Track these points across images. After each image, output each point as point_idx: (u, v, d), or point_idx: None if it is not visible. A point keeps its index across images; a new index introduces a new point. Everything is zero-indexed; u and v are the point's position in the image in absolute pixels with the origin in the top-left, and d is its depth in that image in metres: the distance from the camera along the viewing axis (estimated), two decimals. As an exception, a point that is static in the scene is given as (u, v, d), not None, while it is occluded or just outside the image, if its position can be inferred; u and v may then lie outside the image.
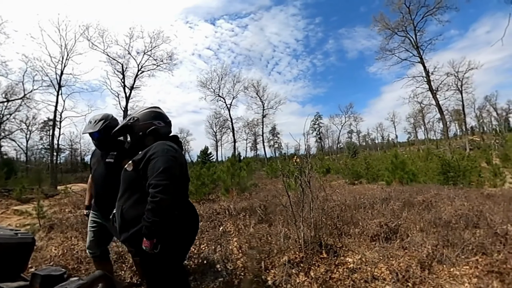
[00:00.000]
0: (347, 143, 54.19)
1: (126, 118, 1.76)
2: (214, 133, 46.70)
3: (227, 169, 7.83)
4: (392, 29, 26.32)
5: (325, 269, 2.44)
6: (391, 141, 64.52)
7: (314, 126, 54.05)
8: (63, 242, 3.54)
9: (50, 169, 21.54)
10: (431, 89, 25.39)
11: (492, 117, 52.59)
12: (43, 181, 16.47)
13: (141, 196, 1.46)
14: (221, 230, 3.81)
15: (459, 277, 2.40)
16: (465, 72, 33.26)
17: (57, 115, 20.20)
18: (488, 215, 3.91)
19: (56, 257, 2.98)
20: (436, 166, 11.69)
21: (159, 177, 1.36)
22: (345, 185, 11.64)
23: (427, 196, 5.48)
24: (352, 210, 4.55)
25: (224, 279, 2.42)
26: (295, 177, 3.32)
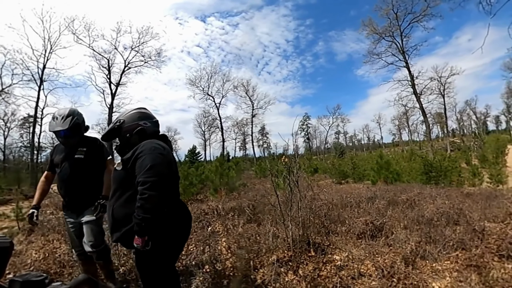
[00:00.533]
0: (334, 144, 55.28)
1: (113, 121, 1.76)
2: (203, 132, 46.01)
3: (216, 169, 7.77)
4: (379, 34, 27.23)
5: (313, 267, 2.48)
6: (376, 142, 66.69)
7: (303, 127, 54.73)
8: (44, 246, 3.38)
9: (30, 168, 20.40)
10: (415, 92, 26.46)
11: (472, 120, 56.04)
12: (23, 181, 15.67)
13: (131, 195, 1.46)
14: (209, 231, 3.78)
15: (440, 272, 2.51)
16: (447, 77, 34.67)
17: (38, 111, 19.31)
18: (467, 213, 4.09)
19: (36, 261, 2.86)
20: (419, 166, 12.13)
21: (147, 174, 1.35)
22: (332, 184, 11.83)
23: (410, 195, 5.65)
24: (339, 209, 4.63)
25: (213, 279, 2.40)
26: (283, 177, 3.34)
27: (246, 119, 45.00)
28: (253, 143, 45.45)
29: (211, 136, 45.67)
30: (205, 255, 2.80)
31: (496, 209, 4.49)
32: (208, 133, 45.76)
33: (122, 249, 2.86)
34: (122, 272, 2.54)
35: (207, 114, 42.21)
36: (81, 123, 2.25)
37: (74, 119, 2.15)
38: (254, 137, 46.11)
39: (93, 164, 2.26)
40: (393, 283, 2.22)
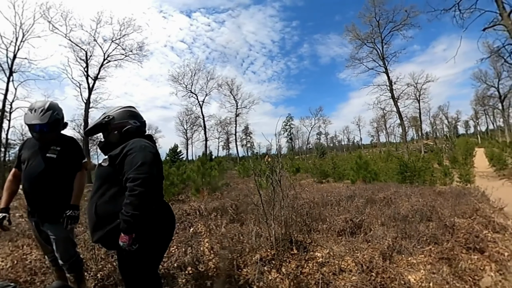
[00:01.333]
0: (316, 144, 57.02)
1: (100, 116, 1.68)
2: (185, 131, 45.05)
3: (198, 168, 7.63)
4: (362, 39, 28.51)
5: (296, 265, 2.51)
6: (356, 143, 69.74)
7: (286, 127, 55.57)
8: (12, 252, 3.13)
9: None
10: (393, 97, 27.97)
11: (444, 124, 60.22)
12: (-13, 182, 14.52)
13: (117, 192, 1.42)
14: (191, 232, 3.72)
15: (415, 265, 2.67)
16: (423, 83, 37.41)
17: (6, 105, 17.69)
18: (439, 210, 4.34)
19: (4, 269, 2.64)
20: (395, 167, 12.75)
21: (138, 170, 1.33)
22: (313, 183, 12.08)
23: (387, 193, 5.89)
24: (320, 207, 4.73)
25: (196, 281, 2.36)
26: (266, 176, 3.36)
27: (229, 118, 44.79)
28: (236, 142, 45.21)
29: (194, 135, 44.85)
30: (187, 257, 2.75)
31: (464, 206, 4.81)
32: (191, 131, 44.92)
33: (99, 252, 2.73)
34: (100, 278, 2.42)
35: (190, 112, 41.32)
36: (61, 119, 2.05)
37: (55, 114, 1.97)
38: (237, 136, 45.89)
39: (65, 166, 2.04)
40: (372, 277, 2.31)
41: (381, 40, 27.69)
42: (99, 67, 22.15)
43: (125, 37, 22.92)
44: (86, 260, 2.58)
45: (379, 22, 27.34)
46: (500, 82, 36.09)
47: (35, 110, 1.92)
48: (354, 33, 28.77)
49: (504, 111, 40.42)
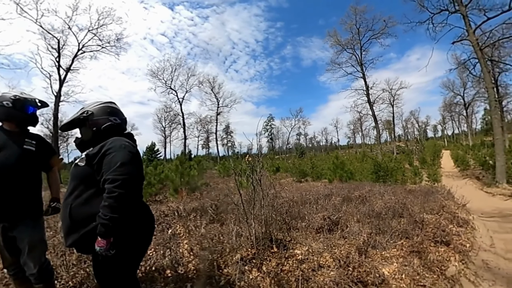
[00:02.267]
0: (295, 144, 58.26)
1: (78, 111, 1.56)
2: (163, 128, 43.37)
3: (176, 168, 7.39)
4: (342, 45, 29.79)
5: (276, 263, 2.53)
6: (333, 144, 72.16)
7: (267, 127, 55.91)
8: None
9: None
10: (369, 101, 29.45)
11: (415, 128, 64.36)
12: None
13: (94, 193, 1.34)
14: (170, 233, 3.61)
15: (389, 258, 2.82)
16: (397, 89, 39.90)
17: None
18: (410, 207, 4.61)
19: None
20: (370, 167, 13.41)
21: (117, 171, 1.26)
22: (293, 183, 12.29)
23: (362, 192, 6.14)
24: (299, 206, 4.82)
25: (176, 284, 2.29)
26: (247, 176, 3.35)
27: (210, 117, 43.86)
28: (217, 141, 44.12)
29: (172, 133, 43.31)
30: (165, 259, 2.66)
31: (432, 203, 5.16)
32: (169, 129, 43.31)
33: (71, 258, 2.56)
34: (72, 286, 2.26)
35: (169, 109, 39.81)
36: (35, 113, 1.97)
37: None
38: (218, 135, 44.78)
39: (41, 160, 1.93)
40: (349, 272, 2.39)
41: (360, 47, 29.20)
42: (73, 58, 20.32)
43: (103, 27, 21.29)
44: (56, 267, 2.40)
45: (359, 29, 28.83)
46: (465, 91, 39.39)
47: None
48: (335, 39, 30.04)
49: (468, 117, 44.73)
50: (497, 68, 23.47)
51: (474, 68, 20.40)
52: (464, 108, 42.64)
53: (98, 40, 21.47)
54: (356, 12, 28.38)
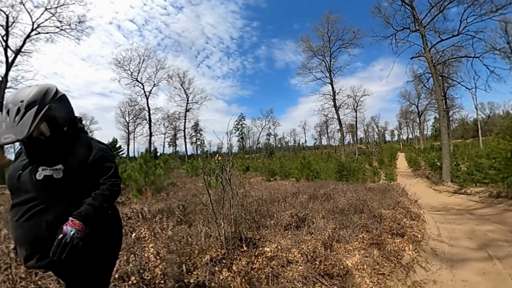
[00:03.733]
0: (265, 144, 59.08)
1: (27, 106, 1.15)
2: (126, 124, 40.63)
3: (141, 167, 6.94)
4: (313, 51, 31.51)
5: (246, 261, 2.53)
6: (301, 145, 74.85)
7: (238, 126, 55.67)
8: None
9: None
10: (335, 106, 31.43)
11: (375, 132, 69.95)
12: None
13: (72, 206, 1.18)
14: (133, 237, 3.39)
15: (351, 251, 3.03)
16: (360, 96, 43.80)
17: None
18: (369, 203, 4.95)
19: None
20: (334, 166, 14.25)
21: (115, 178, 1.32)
22: (262, 181, 12.42)
23: (327, 190, 6.43)
24: (268, 204, 4.88)
25: (142, 290, 2.17)
26: (216, 175, 3.30)
27: (178, 113, 42.07)
28: (185, 139, 42.62)
29: (137, 129, 40.53)
30: (130, 265, 2.50)
31: (389, 200, 5.61)
32: (133, 125, 40.57)
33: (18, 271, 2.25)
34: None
35: (134, 103, 37.37)
36: None
37: None
38: (186, 133, 43.42)
39: None
40: (316, 266, 2.50)
41: (330, 54, 31.19)
42: (24, 38, 17.61)
43: (63, 7, 18.68)
44: (0, 284, 2.11)
45: (330, 37, 30.78)
46: (419, 101, 45.14)
47: None
48: (307, 44, 31.76)
49: (420, 124, 51.99)
50: (446, 83, 27.30)
51: (427, 81, 23.45)
52: (418, 116, 48.65)
53: (56, 21, 18.83)
54: (328, 21, 30.32)
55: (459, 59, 20.34)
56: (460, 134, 53.06)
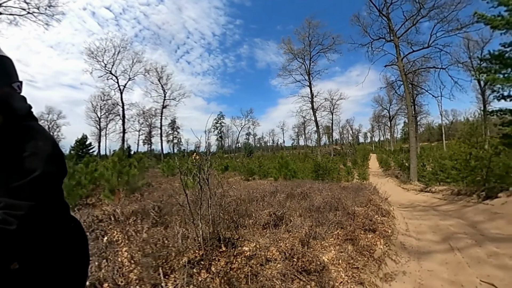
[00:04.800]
0: (244, 144, 58.93)
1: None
2: (98, 119, 38.04)
3: (113, 165, 6.56)
4: (294, 54, 32.34)
5: (225, 262, 2.51)
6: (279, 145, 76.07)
7: (217, 125, 54.74)
8: None
9: None
10: (313, 108, 32.40)
11: (349, 134, 73.39)
12: None
13: None
14: (105, 241, 3.22)
15: (327, 247, 3.16)
16: (337, 100, 46.04)
17: None
18: (344, 201, 5.15)
19: None
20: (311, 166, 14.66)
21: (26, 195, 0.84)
22: (241, 181, 12.42)
23: (304, 188, 6.58)
24: (246, 204, 4.88)
25: (115, 296, 2.06)
26: (193, 175, 3.23)
27: (155, 109, 40.31)
28: (161, 137, 40.84)
29: (109, 125, 38.23)
30: (102, 271, 2.37)
31: (361, 198, 5.87)
32: (105, 120, 38.17)
33: None
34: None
35: (107, 97, 35.12)
36: None
37: None
38: (163, 130, 41.68)
39: None
40: (294, 262, 2.56)
41: (310, 58, 32.20)
42: None
43: None
44: None
45: (310, 42, 31.77)
46: (391, 107, 48.73)
47: None
48: (288, 47, 32.49)
49: (391, 128, 56.46)
50: (415, 91, 29.57)
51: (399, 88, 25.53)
52: (389, 120, 52.50)
53: (23, 2, 17.05)
54: (310, 25, 31.27)
55: (427, 70, 22.80)
56: (426, 138, 57.69)
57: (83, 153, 22.17)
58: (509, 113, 9.29)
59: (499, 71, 9.34)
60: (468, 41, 25.07)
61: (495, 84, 9.11)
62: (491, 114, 10.46)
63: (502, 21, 8.76)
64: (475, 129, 10.19)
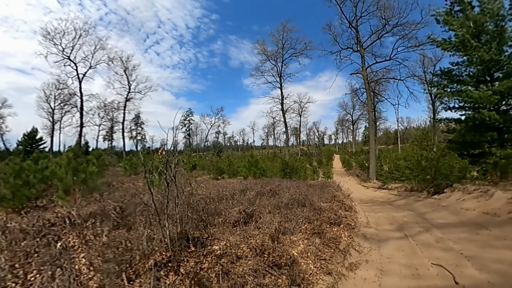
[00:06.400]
0: (214, 142, 57.96)
1: None
2: (52, 110, 33.21)
3: (68, 163, 5.92)
4: (267, 55, 33.31)
5: (195, 262, 2.44)
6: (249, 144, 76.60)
7: (185, 122, 52.60)
8: None
9: None
10: (282, 109, 33.61)
11: (316, 135, 77.44)
12: None
13: None
14: (59, 247, 2.91)
15: (296, 241, 3.27)
16: (305, 103, 47.42)
17: None
18: (310, 197, 5.36)
19: None
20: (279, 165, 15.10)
21: None
22: (210, 180, 12.21)
23: (272, 186, 6.70)
24: (216, 202, 4.83)
25: (74, 309, 1.86)
26: (159, 172, 3.08)
27: (118, 102, 36.91)
28: (123, 132, 37.50)
29: (64, 118, 33.93)
30: (56, 281, 2.13)
31: (326, 194, 6.18)
32: (60, 112, 33.70)
33: None
34: None
35: (63, 86, 30.84)
36: None
37: None
38: (125, 125, 38.35)
39: None
40: (264, 258, 2.59)
41: (282, 61, 33.17)
42: None
43: None
44: None
45: (284, 45, 32.73)
46: (354, 112, 52.81)
47: None
48: (262, 48, 33.26)
49: (353, 131, 62.57)
50: (376, 99, 32.61)
51: (362, 95, 28.65)
52: (352, 124, 57.27)
53: None
54: (284, 29, 32.16)
55: (388, 80, 25.76)
56: (384, 141, 63.17)
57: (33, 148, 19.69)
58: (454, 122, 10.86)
59: (447, 85, 10.94)
60: (424, 58, 29.41)
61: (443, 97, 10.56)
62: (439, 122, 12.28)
63: (450, 45, 10.14)
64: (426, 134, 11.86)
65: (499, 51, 9.13)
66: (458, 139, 10.04)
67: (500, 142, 9.03)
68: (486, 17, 9.18)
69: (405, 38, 21.08)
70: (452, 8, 10.30)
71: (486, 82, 9.74)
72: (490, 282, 2.49)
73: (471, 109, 9.77)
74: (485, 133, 9.03)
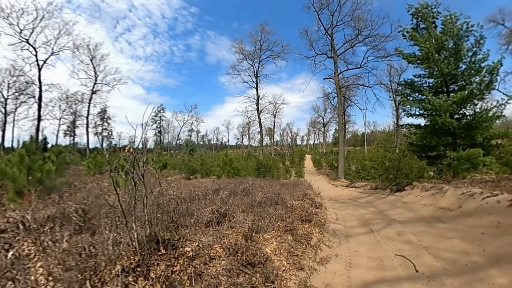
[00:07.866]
0: (186, 141, 56.29)
1: None
2: (4, 100, 29.24)
3: (21, 160, 5.34)
4: (245, 55, 33.42)
5: (166, 265, 2.36)
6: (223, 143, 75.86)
7: (156, 118, 50.18)
8: None
9: None
10: (257, 109, 33.77)
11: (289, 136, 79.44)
12: None
13: None
14: (11, 256, 2.62)
15: (269, 239, 3.33)
16: (280, 104, 48.99)
17: None
18: (283, 196, 5.49)
19: None
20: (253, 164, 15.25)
21: None
22: (181, 179, 11.87)
23: (246, 185, 6.73)
24: (187, 202, 4.72)
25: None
26: (125, 171, 2.91)
27: (82, 94, 33.58)
28: (88, 128, 34.20)
29: (19, 109, 30.35)
30: (9, 296, 1.91)
31: (298, 193, 6.36)
32: (14, 103, 29.85)
33: None
34: None
35: (18, 73, 27.17)
36: None
37: None
38: (90, 120, 34.97)
39: None
40: (238, 257, 2.59)
41: (259, 61, 33.58)
42: None
43: None
44: None
45: (261, 46, 33.17)
46: (325, 115, 55.95)
47: None
48: (240, 47, 33.28)
49: (324, 133, 66.09)
50: (346, 103, 34.57)
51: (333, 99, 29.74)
52: (323, 126, 60.36)
53: None
54: (263, 30, 32.61)
55: (358, 86, 27.78)
56: (352, 143, 67.28)
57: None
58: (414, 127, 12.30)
59: (410, 95, 12.40)
60: (391, 68, 32.69)
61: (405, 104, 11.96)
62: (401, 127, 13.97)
63: (414, 58, 11.49)
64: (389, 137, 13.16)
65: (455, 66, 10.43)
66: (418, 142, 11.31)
67: (454, 146, 10.30)
68: (447, 36, 10.46)
69: (375, 49, 23.08)
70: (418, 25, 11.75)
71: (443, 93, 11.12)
72: (445, 269, 2.83)
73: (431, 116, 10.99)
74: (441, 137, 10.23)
